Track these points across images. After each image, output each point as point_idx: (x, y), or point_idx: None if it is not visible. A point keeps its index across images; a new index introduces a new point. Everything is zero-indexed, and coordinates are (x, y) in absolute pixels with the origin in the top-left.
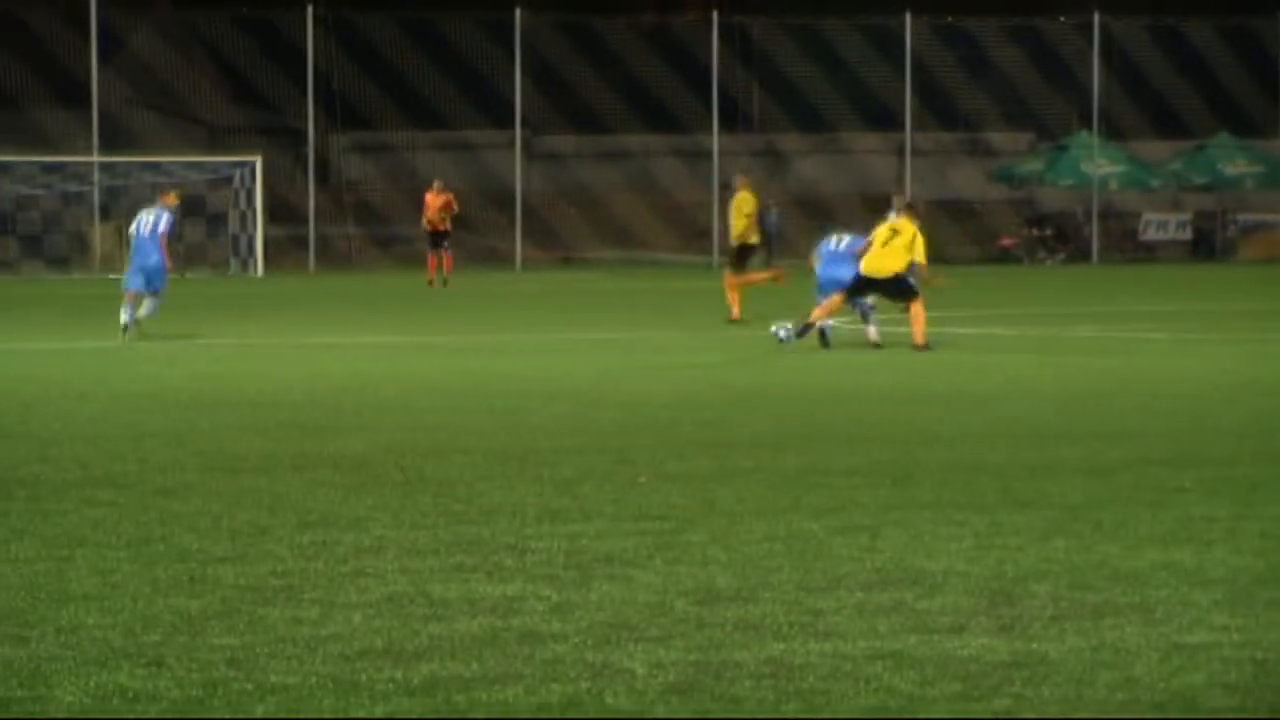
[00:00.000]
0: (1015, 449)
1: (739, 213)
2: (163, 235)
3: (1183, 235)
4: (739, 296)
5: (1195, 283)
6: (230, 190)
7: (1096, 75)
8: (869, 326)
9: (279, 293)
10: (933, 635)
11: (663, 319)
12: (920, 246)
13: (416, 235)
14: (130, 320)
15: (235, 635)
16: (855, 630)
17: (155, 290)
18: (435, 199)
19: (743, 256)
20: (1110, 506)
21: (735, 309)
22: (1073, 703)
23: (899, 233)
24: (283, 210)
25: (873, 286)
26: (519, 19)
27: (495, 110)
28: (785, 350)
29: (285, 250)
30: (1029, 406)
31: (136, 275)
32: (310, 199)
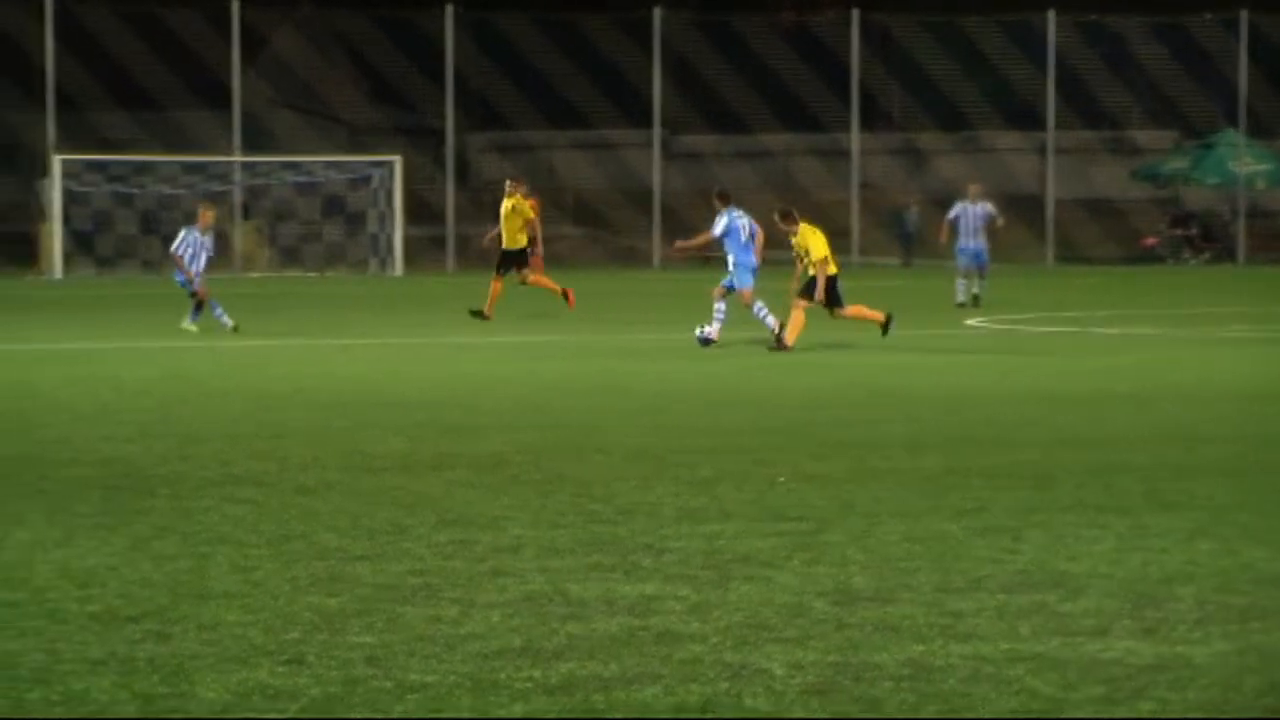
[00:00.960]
0: (1159, 450)
1: (518, 218)
2: (174, 255)
3: None
4: (495, 294)
5: None
6: (369, 190)
7: (1243, 72)
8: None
9: (418, 293)
10: (1075, 638)
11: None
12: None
13: (552, 235)
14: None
15: (374, 633)
16: (996, 632)
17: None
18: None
19: (508, 263)
20: (1257, 509)
21: (489, 308)
22: (1218, 707)
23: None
24: (421, 210)
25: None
26: (658, 18)
27: (634, 109)
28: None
29: (424, 250)
30: (1173, 407)
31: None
32: (449, 199)
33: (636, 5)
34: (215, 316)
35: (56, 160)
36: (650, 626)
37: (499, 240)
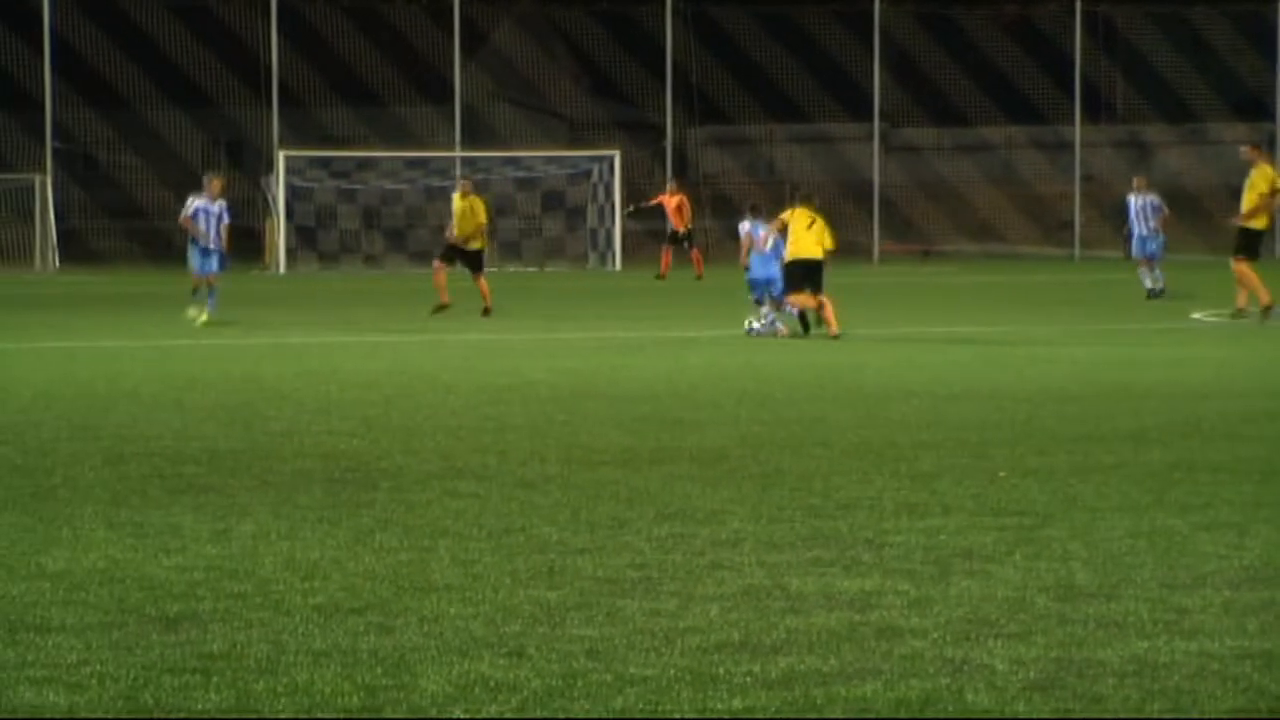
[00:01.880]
0: None
1: (473, 216)
2: (185, 220)
3: None
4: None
5: None
6: (589, 184)
7: None
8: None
9: (636, 287)
10: None
11: (1022, 313)
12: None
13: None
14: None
15: (594, 627)
16: (1222, 629)
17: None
18: (670, 199)
19: (466, 259)
20: None
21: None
22: None
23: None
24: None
25: (812, 271)
26: (878, 11)
27: (853, 103)
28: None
29: (643, 244)
30: None
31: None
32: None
33: None
34: (205, 304)
35: (281, 156)
36: (870, 621)
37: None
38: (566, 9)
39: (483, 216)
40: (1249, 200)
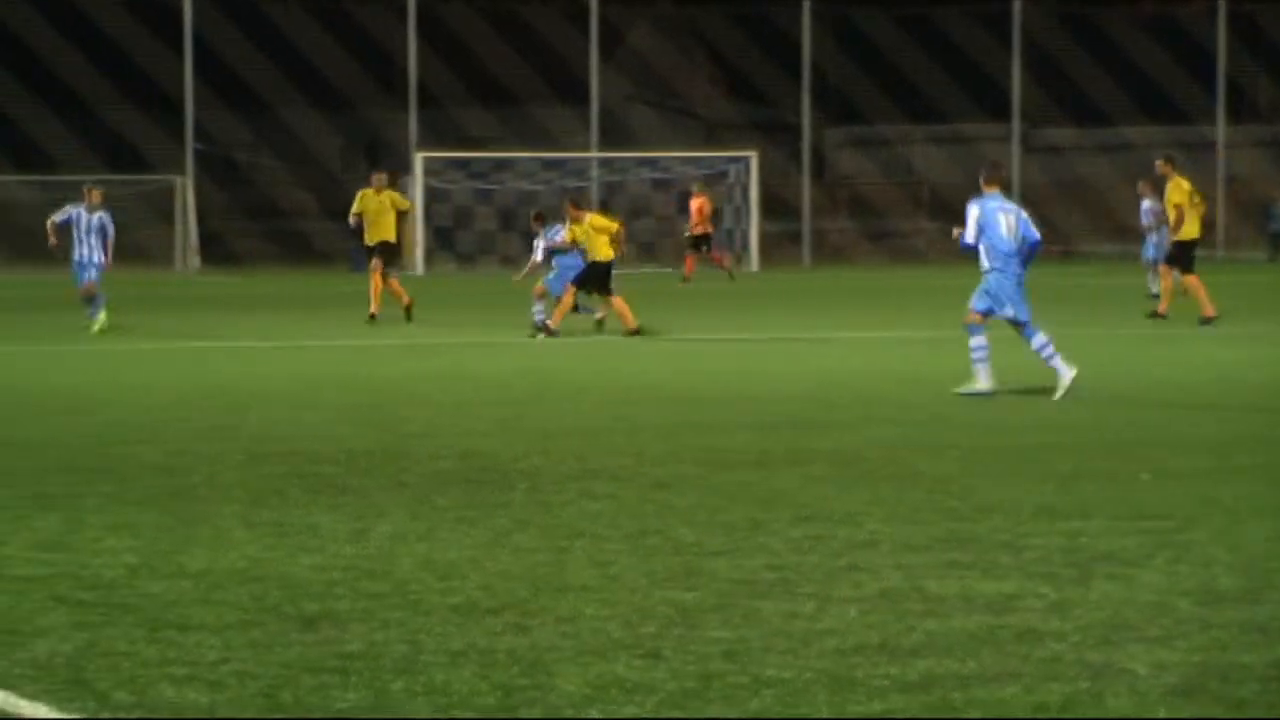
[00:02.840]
0: None
1: (390, 213)
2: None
3: None
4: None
5: None
6: (725, 186)
7: None
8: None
9: (773, 288)
10: None
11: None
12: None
13: (909, 230)
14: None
15: (730, 628)
16: None
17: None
18: (694, 201)
19: (382, 254)
20: None
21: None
22: None
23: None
24: (777, 205)
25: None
26: (1017, 10)
27: (992, 102)
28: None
29: (780, 245)
30: None
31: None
32: (805, 194)
33: None
34: (90, 314)
35: (418, 158)
36: (1009, 624)
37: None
38: (704, 10)
39: (403, 202)
40: (1171, 215)
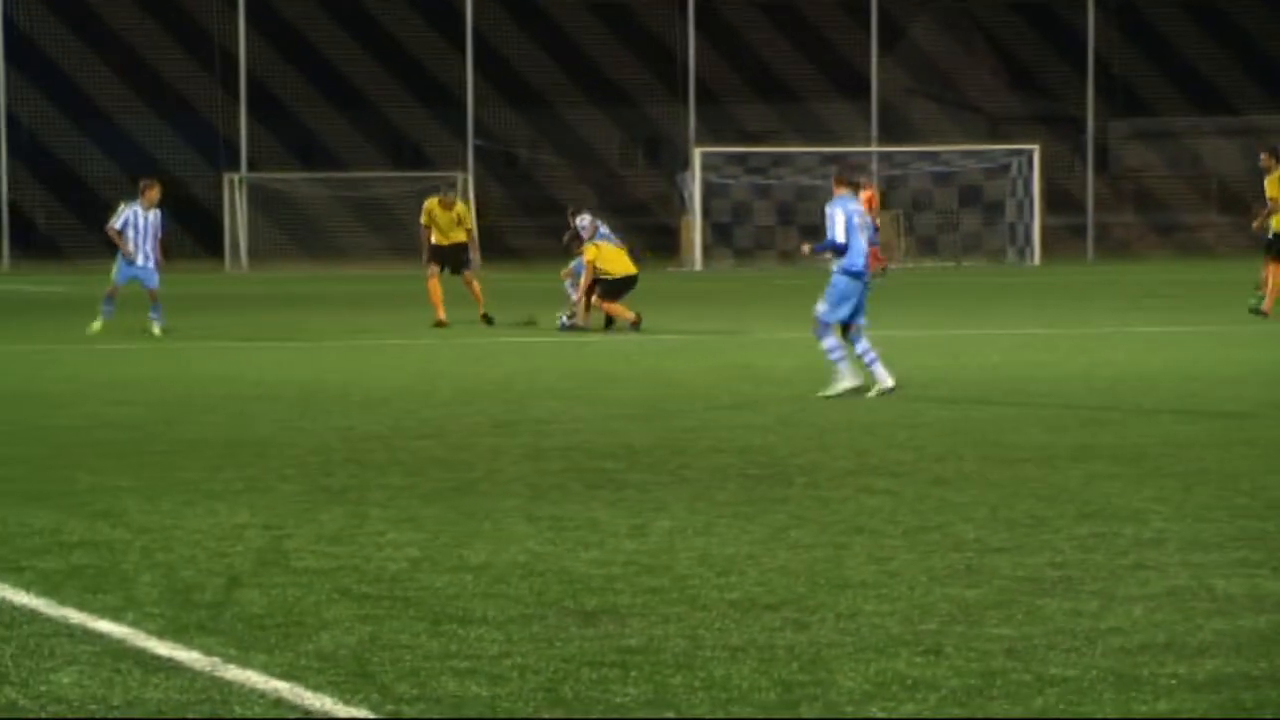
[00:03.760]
0: None
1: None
2: (111, 230)
3: None
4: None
5: None
6: (1007, 179)
7: None
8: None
9: (1056, 282)
10: None
11: None
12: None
13: (1196, 224)
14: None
15: (1013, 625)
16: None
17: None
18: (867, 193)
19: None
20: None
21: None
22: None
23: None
24: (1060, 199)
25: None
26: None
27: None
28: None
29: (1062, 239)
30: None
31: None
32: (1088, 187)
33: None
34: (105, 313)
35: (697, 153)
36: None
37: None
38: (985, 2)
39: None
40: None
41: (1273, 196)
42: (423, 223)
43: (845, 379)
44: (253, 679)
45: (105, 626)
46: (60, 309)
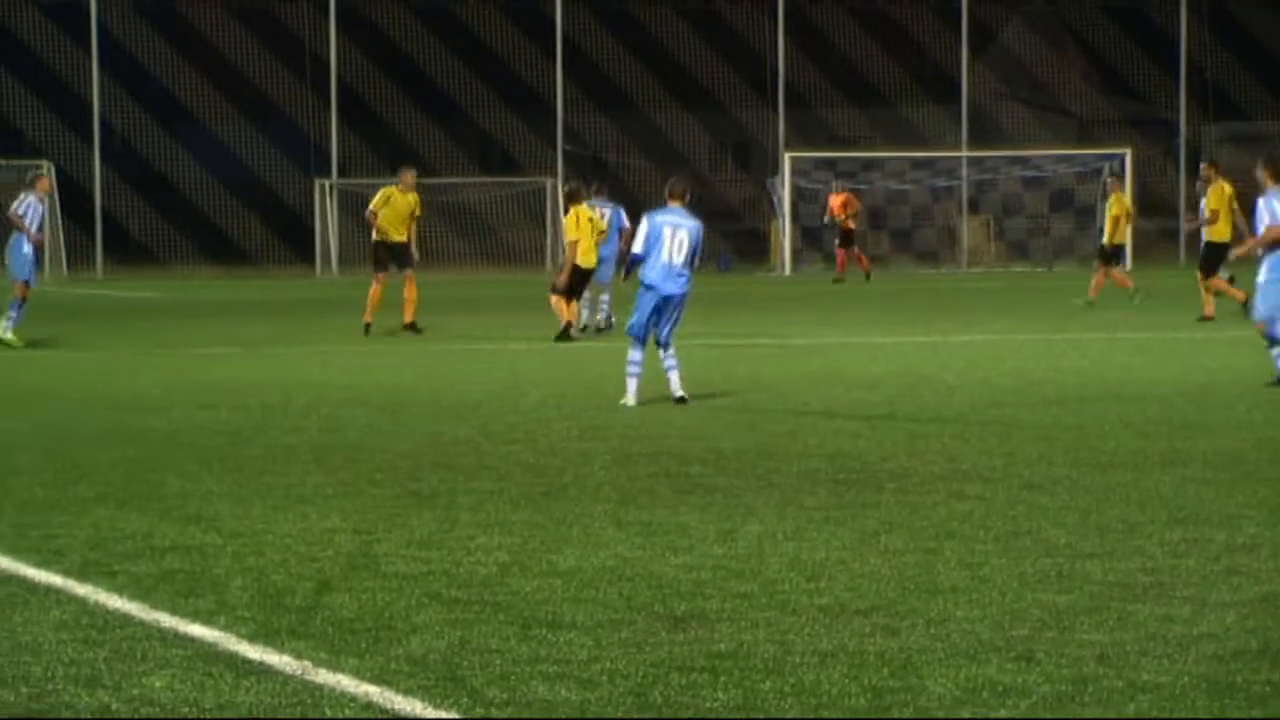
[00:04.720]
0: None
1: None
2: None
3: None
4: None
5: None
6: (1099, 183)
7: None
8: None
9: (1148, 287)
10: None
11: None
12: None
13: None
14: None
15: (1104, 631)
16: None
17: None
18: (836, 198)
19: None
20: None
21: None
22: None
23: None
24: (1153, 203)
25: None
26: None
27: None
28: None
29: (1154, 243)
30: None
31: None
32: (1180, 191)
33: None
34: (12, 319)
35: (786, 158)
36: None
37: None
38: (1076, 5)
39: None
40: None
41: (1213, 209)
42: (373, 208)
43: (629, 394)
44: (343, 683)
45: (197, 630)
46: (151, 314)
